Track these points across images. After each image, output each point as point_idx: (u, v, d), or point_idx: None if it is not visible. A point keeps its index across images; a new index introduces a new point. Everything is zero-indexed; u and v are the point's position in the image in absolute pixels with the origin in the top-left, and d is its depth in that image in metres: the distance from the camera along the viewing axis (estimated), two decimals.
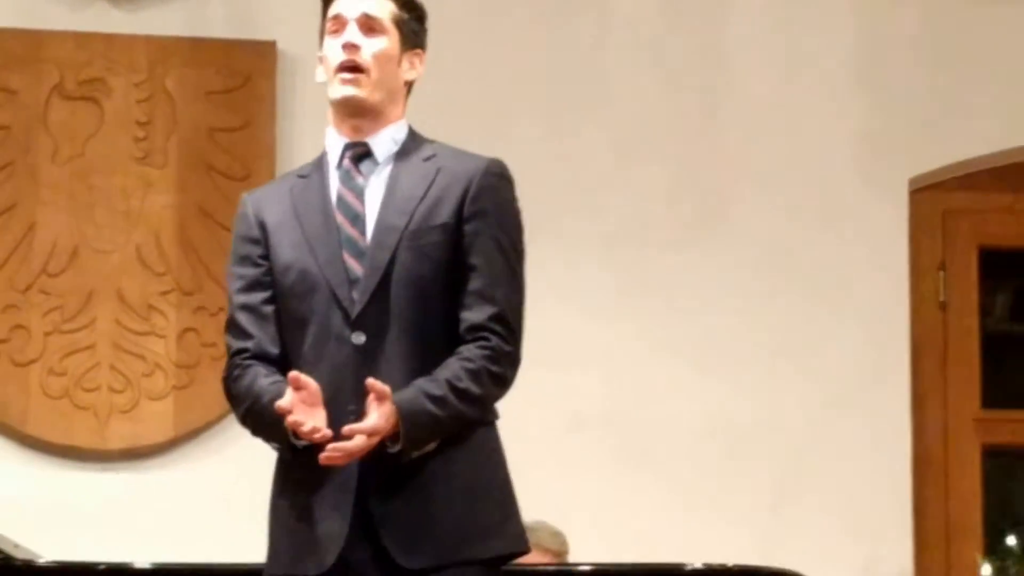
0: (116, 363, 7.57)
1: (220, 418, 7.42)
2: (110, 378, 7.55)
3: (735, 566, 5.74)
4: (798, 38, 8.16)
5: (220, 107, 7.84)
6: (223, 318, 5.67)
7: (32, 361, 7.55)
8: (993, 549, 8.07)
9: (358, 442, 4.62)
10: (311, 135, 5.96)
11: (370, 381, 4.71)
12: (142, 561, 5.74)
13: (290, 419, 4.67)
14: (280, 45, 7.82)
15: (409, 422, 4.66)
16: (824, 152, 7.98)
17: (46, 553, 5.87)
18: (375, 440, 4.64)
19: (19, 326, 7.52)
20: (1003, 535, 8.23)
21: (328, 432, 4.67)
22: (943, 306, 8.06)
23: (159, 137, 7.77)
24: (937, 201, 8.16)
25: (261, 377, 4.86)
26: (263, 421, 4.78)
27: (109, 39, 7.75)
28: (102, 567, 5.65)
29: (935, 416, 7.94)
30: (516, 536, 4.87)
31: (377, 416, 4.62)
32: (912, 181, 7.99)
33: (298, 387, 4.72)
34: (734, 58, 8.19)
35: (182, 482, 7.46)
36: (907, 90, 8.12)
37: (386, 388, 4.66)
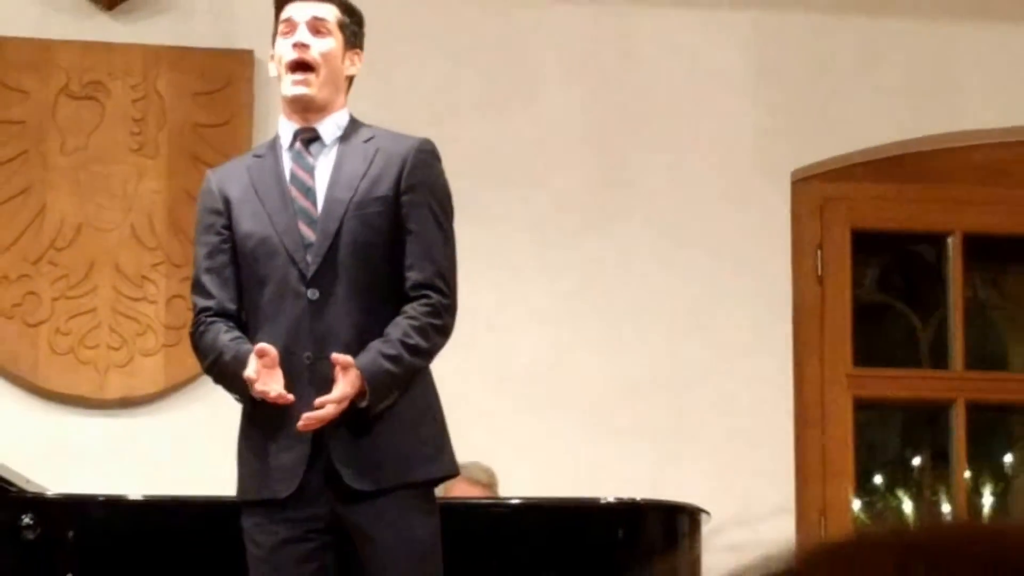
0: (114, 324, 7.71)
1: (200, 374, 7.13)
2: (109, 337, 7.69)
3: (643, 500, 6.17)
4: (701, 47, 8.26)
5: (204, 106, 7.96)
6: None
7: (41, 322, 7.70)
8: (862, 487, 8.34)
9: (329, 410, 5.11)
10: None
11: (334, 356, 5.19)
12: (135, 494, 6.17)
13: (258, 387, 5.19)
14: (256, 54, 7.70)
15: (373, 383, 5.17)
16: (721, 146, 8.07)
17: (53, 488, 6.17)
18: (344, 404, 5.14)
19: (31, 292, 7.67)
20: (871, 475, 8.61)
21: (290, 397, 5.19)
22: (820, 280, 8.18)
23: (151, 131, 7.88)
24: (816, 190, 8.27)
25: (222, 333, 5.41)
26: (225, 373, 5.39)
27: (109, 47, 7.87)
28: (101, 498, 6.09)
29: (813, 373, 8.08)
30: (448, 462, 5.46)
31: (344, 384, 5.10)
32: (794, 172, 8.10)
33: (261, 355, 5.19)
34: (646, 63, 8.29)
35: (170, 427, 7.61)
36: (792, 94, 8.24)
37: (349, 359, 5.13)
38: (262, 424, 5.41)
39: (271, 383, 5.27)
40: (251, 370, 5.22)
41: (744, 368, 7.82)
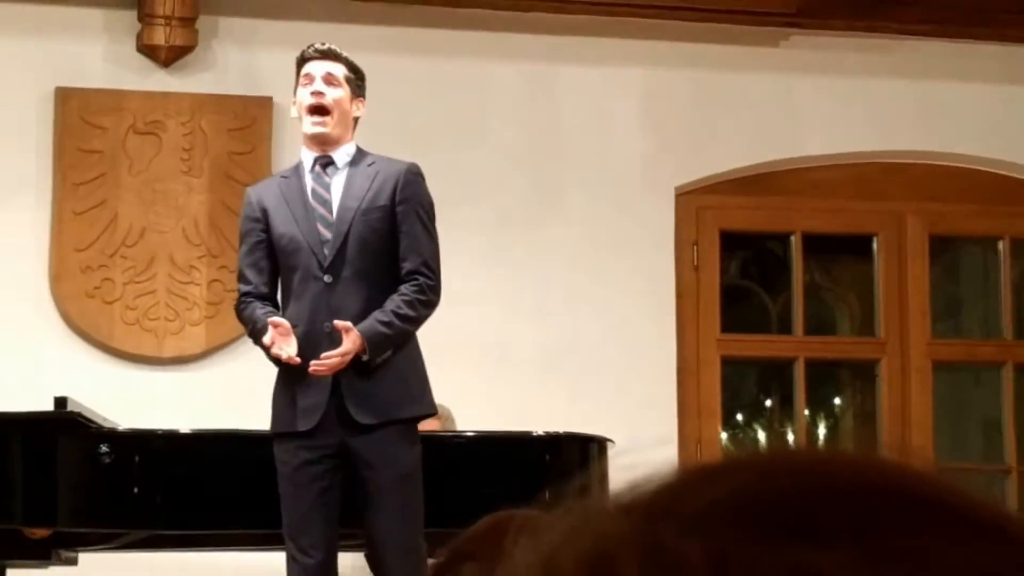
0: (169, 302, 8.07)
1: (235, 338, 7.88)
2: (165, 311, 8.06)
3: (564, 432, 6.58)
4: (604, 96, 8.56)
5: (236, 139, 8.21)
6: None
7: (115, 300, 8.01)
8: (728, 423, 8.88)
9: (334, 361, 5.62)
10: (291, 157, 7.04)
11: (336, 322, 5.69)
12: (184, 428, 6.59)
13: (273, 351, 5.69)
14: (275, 99, 8.17)
15: (371, 342, 5.68)
16: (620, 170, 8.45)
17: (123, 424, 6.61)
18: (348, 358, 5.65)
19: (107, 279, 7.99)
20: (734, 415, 9.21)
21: (297, 360, 5.69)
22: (696, 268, 8.58)
23: (197, 158, 8.17)
24: (692, 201, 8.63)
25: (257, 310, 5.88)
26: (258, 340, 5.88)
27: (165, 95, 8.20)
28: (159, 432, 6.50)
29: (691, 338, 8.51)
30: (428, 404, 5.95)
31: (347, 342, 5.61)
32: (677, 188, 8.54)
33: (275, 325, 5.70)
34: (565, 109, 8.60)
35: (211, 378, 7.98)
36: (673, 130, 8.56)
37: (349, 324, 5.64)
38: (291, 375, 5.85)
39: (284, 348, 5.69)
40: (267, 338, 5.72)
41: (640, 333, 8.24)
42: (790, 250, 8.82)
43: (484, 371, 7.42)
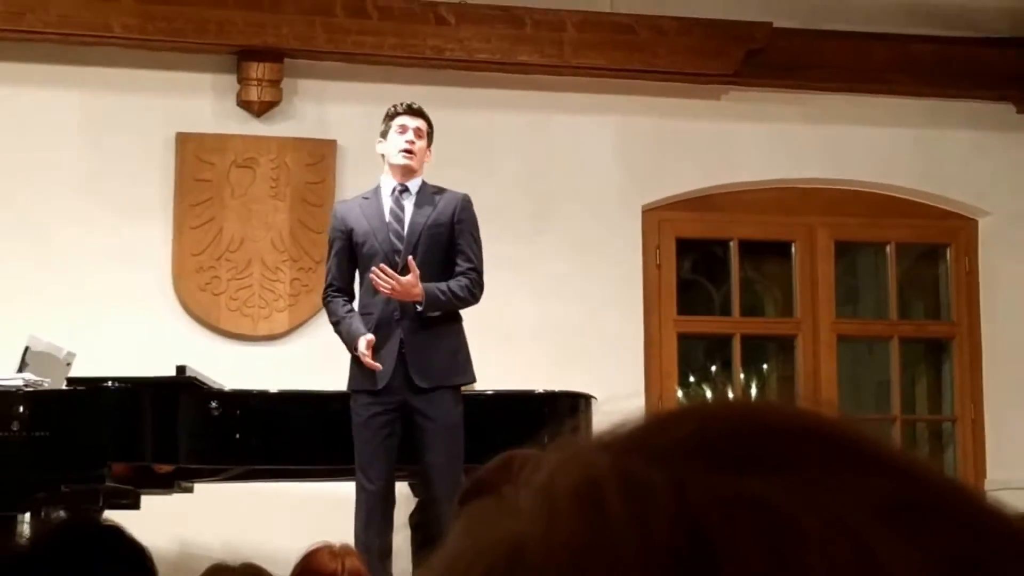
0: (261, 294, 8.30)
1: (308, 320, 8.22)
2: (258, 301, 8.29)
3: (559, 391, 6.69)
4: (586, 138, 8.66)
5: (310, 171, 8.42)
6: (316, 272, 7.84)
7: (221, 293, 8.25)
8: (683, 383, 9.14)
9: (397, 282, 5.77)
10: (351, 185, 7.87)
11: (409, 258, 5.87)
12: (273, 388, 6.73)
13: (365, 362, 5.87)
14: (339, 142, 8.45)
15: (428, 297, 5.85)
16: (599, 193, 8.63)
17: (227, 385, 6.74)
18: (407, 288, 5.79)
19: (215, 276, 8.23)
20: (688, 377, 9.39)
21: (378, 366, 5.83)
22: (659, 267, 8.85)
23: (282, 186, 8.41)
24: (655, 215, 8.89)
25: (340, 306, 6.11)
26: (340, 334, 6.12)
27: (258, 138, 8.41)
28: (255, 391, 6.65)
29: (654, 319, 8.76)
30: (471, 374, 6.15)
31: (412, 276, 5.78)
32: (644, 206, 8.79)
33: (369, 343, 5.87)
34: (555, 148, 8.65)
35: (292, 351, 8.16)
36: (642, 161, 8.75)
37: (415, 266, 5.81)
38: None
39: (368, 356, 5.91)
40: (362, 346, 5.92)
41: (615, 316, 8.46)
42: (729, 253, 9.13)
43: (496, 346, 7.29)
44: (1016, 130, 9.10)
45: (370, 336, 5.85)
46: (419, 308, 5.87)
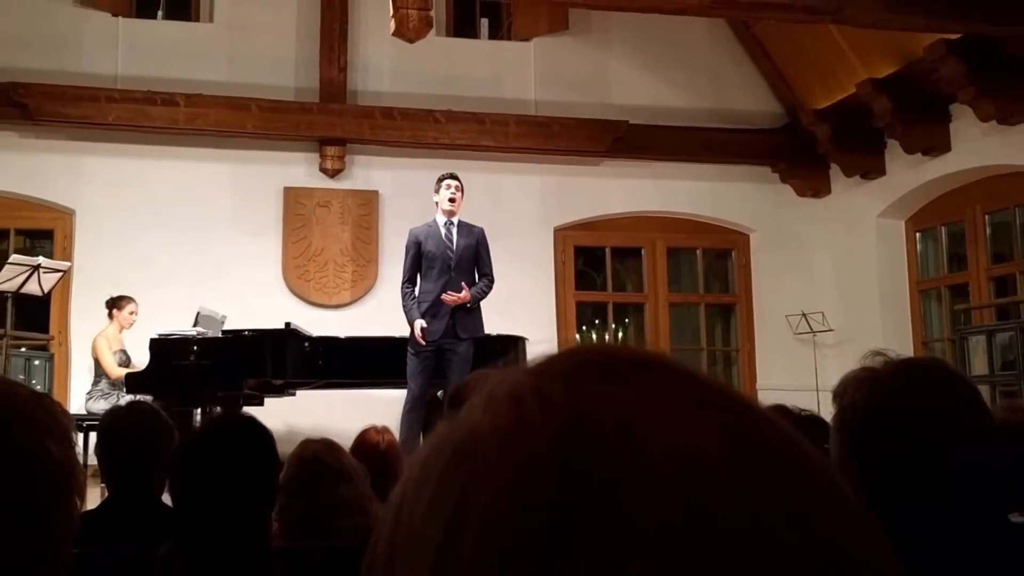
0: (334, 280, 8.68)
1: (360, 297, 8.64)
2: (332, 284, 8.66)
3: (508, 335, 6.51)
4: (521, 185, 9.08)
5: (362, 210, 8.81)
6: (366, 268, 8.46)
7: (309, 281, 8.68)
8: (580, 332, 9.31)
9: (456, 297, 5.77)
10: (388, 219, 8.54)
11: (464, 292, 5.80)
12: (343, 335, 6.75)
13: (416, 332, 5.76)
14: (381, 192, 8.89)
15: (473, 298, 5.89)
16: (529, 218, 8.98)
17: (314, 333, 6.76)
18: (463, 300, 5.82)
19: (307, 270, 8.62)
20: (582, 327, 9.46)
21: (423, 342, 5.61)
22: (563, 263, 9.26)
23: (346, 219, 8.76)
24: (562, 233, 9.25)
25: (409, 299, 5.95)
26: (405, 310, 5.94)
27: (331, 190, 8.81)
28: (332, 337, 6.67)
29: (561, 294, 9.14)
30: (482, 331, 6.08)
31: (465, 292, 5.81)
32: (555, 227, 9.21)
33: (423, 329, 5.69)
34: (503, 195, 8.80)
35: (354, 314, 8.44)
36: (553, 201, 9.17)
37: (467, 293, 5.81)
38: (426, 316, 5.97)
39: (419, 335, 5.78)
40: (417, 326, 5.83)
41: (539, 292, 8.90)
42: (605, 254, 9.53)
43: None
44: (773, 183, 10.01)
45: (423, 322, 5.85)
46: (468, 306, 5.97)
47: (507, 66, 9.38)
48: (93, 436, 4.51)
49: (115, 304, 7.53)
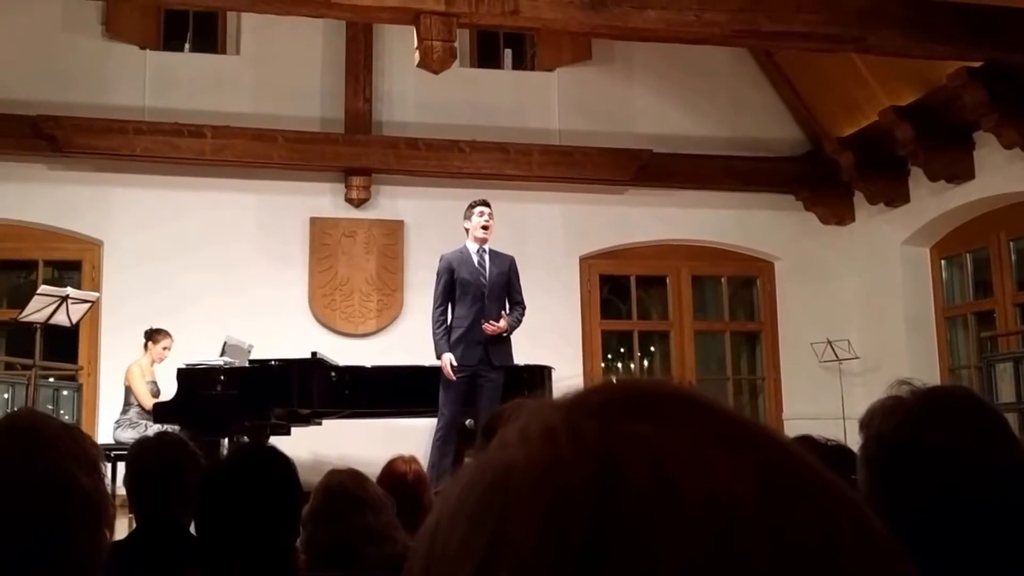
0: (360, 308, 8.72)
1: (386, 326, 8.64)
2: (358, 314, 8.68)
3: (536, 365, 6.48)
4: (547, 214, 9.11)
5: (387, 238, 8.84)
6: (391, 297, 8.40)
7: (336, 309, 8.66)
8: (605, 360, 9.38)
9: (495, 327, 5.73)
10: (413, 248, 8.49)
11: (502, 321, 5.70)
12: (369, 364, 6.66)
13: (446, 372, 5.66)
14: (405, 221, 8.91)
15: (509, 327, 5.89)
16: (555, 248, 8.96)
17: (341, 362, 6.67)
18: (501, 329, 5.80)
19: (332, 299, 8.62)
20: (608, 356, 9.49)
21: (452, 377, 5.50)
22: (589, 291, 9.21)
23: (371, 247, 8.76)
24: (587, 261, 9.21)
25: (439, 327, 5.88)
26: (435, 338, 5.87)
27: (358, 220, 8.84)
28: (357, 366, 6.56)
29: (587, 322, 9.12)
30: (513, 359, 6.05)
31: (502, 322, 5.81)
32: (580, 256, 9.18)
33: (452, 364, 5.61)
34: (527, 222, 8.79)
35: (379, 344, 8.47)
36: (578, 230, 9.08)
37: (504, 324, 5.79)
38: (459, 341, 5.97)
39: (448, 369, 5.76)
40: (445, 360, 5.80)
41: (564, 321, 8.91)
42: (630, 282, 9.54)
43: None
44: (797, 210, 10.02)
45: (451, 357, 5.90)
46: (505, 334, 6.00)
47: (531, 96, 9.44)
48: (121, 465, 4.55)
49: (151, 336, 7.57)
